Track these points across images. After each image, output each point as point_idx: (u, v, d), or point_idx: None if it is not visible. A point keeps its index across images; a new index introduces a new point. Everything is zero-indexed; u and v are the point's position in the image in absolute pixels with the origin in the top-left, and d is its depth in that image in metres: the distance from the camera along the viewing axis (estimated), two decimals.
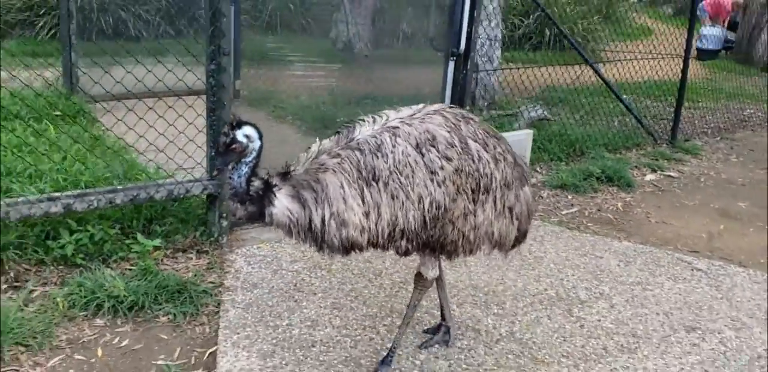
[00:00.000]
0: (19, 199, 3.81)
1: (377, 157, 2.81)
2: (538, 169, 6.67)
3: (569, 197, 6.21)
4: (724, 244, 5.43)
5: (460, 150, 2.94)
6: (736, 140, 9.04)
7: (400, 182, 2.82)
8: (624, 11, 16.43)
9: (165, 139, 4.84)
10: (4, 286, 3.83)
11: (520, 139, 6.13)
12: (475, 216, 3.04)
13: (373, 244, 2.91)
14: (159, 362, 3.42)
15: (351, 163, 2.81)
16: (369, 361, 3.49)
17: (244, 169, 2.77)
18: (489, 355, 3.64)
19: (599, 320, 4.08)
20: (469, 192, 2.98)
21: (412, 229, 2.89)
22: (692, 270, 4.87)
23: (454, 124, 2.99)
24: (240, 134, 2.74)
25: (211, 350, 3.53)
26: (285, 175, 2.85)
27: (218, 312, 3.86)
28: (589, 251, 5.09)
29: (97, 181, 4.60)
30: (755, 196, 6.70)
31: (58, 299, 3.73)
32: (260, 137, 2.80)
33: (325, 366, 3.43)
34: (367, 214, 2.81)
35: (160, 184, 4.22)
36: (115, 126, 4.82)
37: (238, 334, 3.65)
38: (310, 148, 2.95)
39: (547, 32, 13.80)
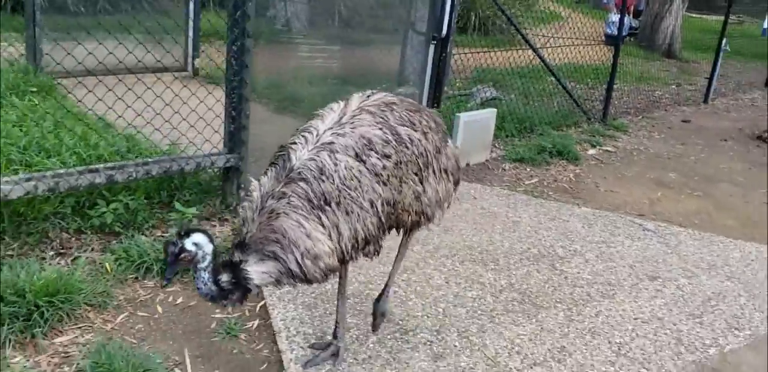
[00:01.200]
0: (62, 171, 4.03)
1: (323, 181, 2.78)
2: (496, 145, 7.31)
3: (528, 169, 6.90)
4: (663, 209, 6.27)
5: (395, 143, 2.98)
6: (654, 119, 10.06)
7: (351, 197, 2.82)
8: None
9: (161, 116, 5.09)
10: (50, 253, 4.07)
11: (487, 118, 6.74)
12: (425, 193, 3.18)
13: (343, 261, 2.93)
14: (217, 316, 3.80)
15: (299, 197, 2.77)
16: (400, 309, 4.01)
17: (205, 276, 2.75)
18: (497, 302, 4.24)
19: (578, 273, 4.76)
20: (413, 176, 3.08)
21: (374, 233, 2.94)
22: (643, 230, 5.66)
23: (381, 117, 3.02)
24: (189, 243, 2.70)
25: (260, 304, 3.93)
26: (242, 246, 2.80)
27: None
28: (556, 216, 5.78)
29: (111, 155, 4.82)
30: (680, 167, 7.64)
31: (107, 264, 4.01)
32: (211, 241, 2.77)
33: (363, 315, 3.92)
34: (330, 237, 2.80)
35: (190, 157, 4.54)
36: (94, 103, 4.93)
37: (280, 289, 4.07)
38: (252, 191, 2.88)
39: (472, 17, 14.48)
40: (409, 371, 3.47)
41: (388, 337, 3.74)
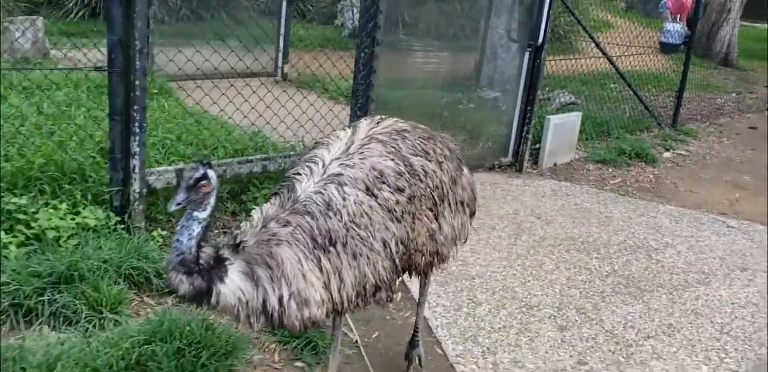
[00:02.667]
0: (226, 161, 4.61)
1: (330, 218, 2.50)
2: (578, 147, 7.74)
3: (610, 170, 7.33)
4: (743, 208, 6.64)
5: (408, 175, 2.72)
6: (721, 125, 10.37)
7: (360, 237, 2.54)
8: (586, 6, 17.72)
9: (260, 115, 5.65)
10: (215, 232, 4.64)
11: (573, 121, 7.19)
12: (440, 230, 2.93)
13: (337, 311, 2.61)
14: None
15: (304, 231, 2.47)
16: (522, 289, 4.49)
17: (196, 229, 2.31)
18: (605, 285, 4.69)
19: (673, 262, 5.18)
20: (428, 212, 2.83)
21: (386, 279, 2.65)
22: (727, 227, 6.04)
23: (393, 147, 2.75)
24: (212, 174, 2.33)
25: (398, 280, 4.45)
26: (236, 248, 2.43)
27: None
28: (644, 212, 6.20)
29: (246, 150, 5.39)
30: (754, 171, 7.98)
31: None
32: (217, 192, 2.39)
33: (490, 292, 4.41)
34: (327, 285, 2.49)
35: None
36: (210, 104, 5.50)
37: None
38: (251, 215, 2.60)
39: None
40: (540, 338, 3.94)
41: (516, 311, 4.22)
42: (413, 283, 4.41)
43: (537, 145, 6.94)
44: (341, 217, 2.51)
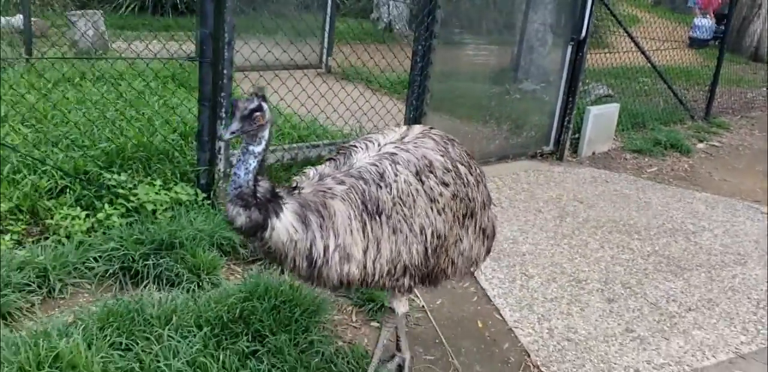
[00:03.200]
0: (296, 146, 5.01)
1: (381, 188, 2.60)
2: (615, 137, 8.05)
3: (646, 159, 7.64)
4: None
5: (455, 175, 2.83)
6: (753, 118, 10.60)
7: (403, 214, 2.63)
8: (616, 1, 17.87)
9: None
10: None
11: (611, 112, 7.50)
12: (462, 242, 2.97)
13: (366, 282, 2.68)
14: None
15: (357, 193, 2.59)
16: (569, 265, 4.84)
17: (252, 163, 2.37)
18: (647, 263, 5.03)
19: (710, 244, 5.50)
20: (461, 217, 2.89)
21: (416, 263, 2.72)
22: (761, 213, 6.34)
23: (443, 147, 2.87)
24: (266, 107, 2.37)
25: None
26: (292, 191, 2.54)
27: None
28: (680, 198, 6.51)
29: (307, 137, 5.78)
30: None
31: None
32: (271, 126, 2.44)
33: (540, 267, 4.77)
34: (365, 251, 2.58)
35: None
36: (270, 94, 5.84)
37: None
38: (305, 172, 2.77)
39: None
40: (590, 309, 4.30)
41: (566, 284, 4.58)
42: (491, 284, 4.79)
43: (576, 135, 7.26)
44: (390, 190, 2.62)
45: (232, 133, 2.34)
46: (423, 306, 4.12)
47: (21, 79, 5.92)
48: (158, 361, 3.05)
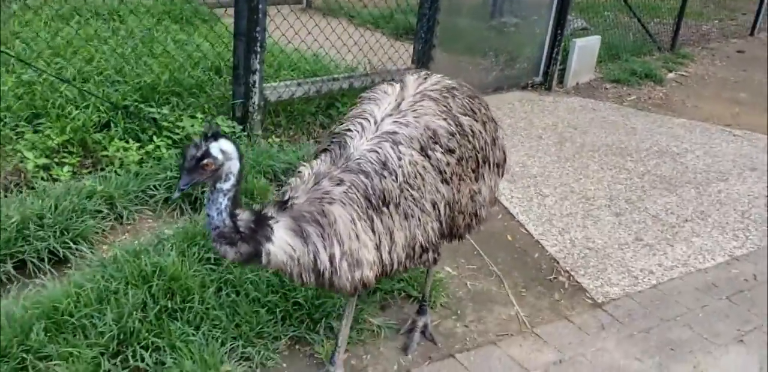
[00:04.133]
0: (318, 79, 5.22)
1: (384, 178, 2.45)
2: (595, 68, 8.45)
3: (624, 88, 8.09)
4: (744, 121, 7.49)
5: (459, 136, 2.69)
6: (712, 49, 11.14)
7: (413, 197, 2.51)
8: None
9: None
10: (311, 141, 5.29)
11: (593, 44, 7.86)
12: (480, 193, 2.90)
13: (386, 273, 2.57)
14: None
15: (358, 191, 2.43)
16: (576, 185, 5.29)
17: (223, 202, 2.23)
18: (643, 182, 5.52)
19: (695, 164, 6.02)
20: (471, 174, 2.79)
21: (433, 240, 2.65)
22: (734, 136, 6.90)
23: (444, 105, 2.72)
24: (215, 148, 2.18)
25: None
26: (283, 205, 2.39)
27: None
28: (661, 124, 7.01)
29: (321, 71, 5.95)
30: (749, 89, 8.82)
31: None
32: (240, 158, 2.26)
33: (552, 187, 5.20)
34: (378, 246, 2.47)
35: (388, 71, 5.71)
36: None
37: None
38: (300, 171, 2.55)
39: None
40: (602, 222, 4.78)
41: (577, 201, 5.03)
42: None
43: (562, 66, 7.62)
44: (396, 177, 2.47)
45: (181, 190, 2.22)
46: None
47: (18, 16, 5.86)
48: (247, 274, 3.37)
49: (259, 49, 4.57)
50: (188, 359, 2.83)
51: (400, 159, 2.49)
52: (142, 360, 2.86)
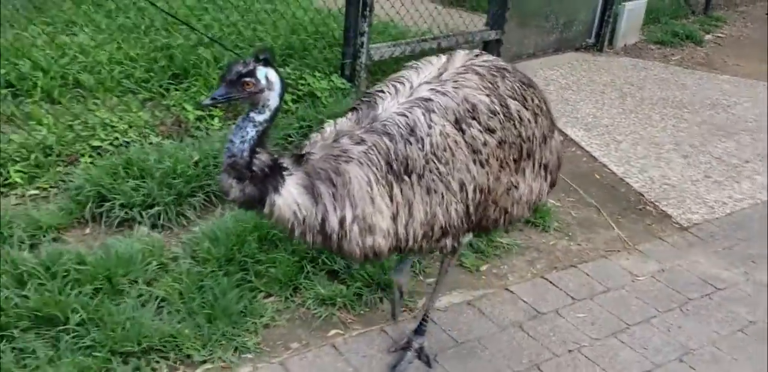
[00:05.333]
0: (411, 40, 5.77)
1: (410, 144, 2.30)
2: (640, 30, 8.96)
3: (668, 49, 8.61)
4: None
5: (503, 117, 2.48)
6: (742, 12, 11.60)
7: (439, 172, 2.33)
8: None
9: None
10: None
11: (640, 7, 8.36)
12: (517, 188, 2.64)
13: (400, 248, 2.43)
14: None
15: (379, 152, 2.29)
16: (644, 132, 5.87)
17: (250, 132, 2.13)
18: (701, 130, 6.09)
19: (744, 114, 6.58)
20: (512, 164, 2.56)
21: (456, 224, 2.45)
22: None
23: (491, 82, 2.51)
24: (261, 71, 2.11)
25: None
26: (299, 159, 2.28)
27: None
28: (708, 80, 7.56)
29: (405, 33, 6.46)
30: None
31: None
32: (281, 95, 2.17)
33: (623, 134, 5.79)
34: (395, 216, 2.32)
35: (469, 32, 6.26)
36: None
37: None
38: (323, 128, 2.45)
39: None
40: (673, 163, 5.37)
41: (648, 146, 5.61)
42: (591, 147, 5.74)
43: (612, 29, 8.13)
44: (423, 145, 2.30)
45: (213, 99, 2.15)
46: None
47: None
48: None
49: (368, 13, 5.12)
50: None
51: (430, 127, 2.32)
52: (335, 263, 3.49)
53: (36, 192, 3.81)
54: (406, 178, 2.30)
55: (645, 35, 8.92)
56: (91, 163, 3.99)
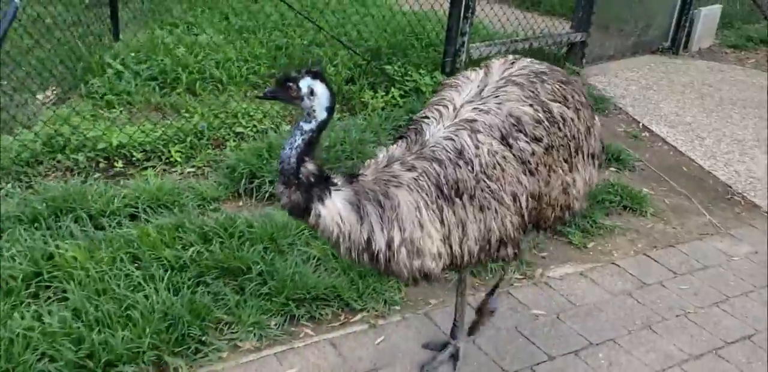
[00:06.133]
0: (506, 41, 6.18)
1: (459, 167, 2.36)
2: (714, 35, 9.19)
3: (743, 53, 8.83)
4: None
5: (547, 123, 2.54)
6: None
7: (490, 189, 2.40)
8: None
9: None
10: None
11: (715, 12, 8.62)
12: (574, 185, 2.71)
13: (457, 265, 2.49)
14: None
15: (429, 179, 2.35)
16: (727, 130, 6.15)
17: (297, 139, 2.22)
18: (743, 130, 6.35)
19: None
20: (563, 164, 2.63)
21: (512, 235, 2.51)
22: None
23: (531, 91, 2.57)
24: (305, 81, 2.19)
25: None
26: (350, 178, 2.35)
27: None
28: None
29: (494, 35, 6.89)
30: None
31: None
32: (330, 109, 2.23)
33: (706, 132, 6.08)
34: (447, 238, 2.38)
35: (558, 33, 6.64)
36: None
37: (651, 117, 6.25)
38: (376, 155, 2.50)
39: None
40: (757, 159, 5.64)
41: (731, 143, 5.90)
42: (677, 143, 6.07)
43: (687, 33, 8.39)
44: (473, 167, 2.37)
45: (265, 93, 2.29)
46: (639, 157, 5.44)
47: None
48: None
49: (470, 15, 5.56)
50: None
51: (477, 148, 2.38)
52: None
53: (192, 170, 4.34)
54: (457, 200, 2.36)
55: (719, 39, 9.15)
56: (235, 146, 4.50)
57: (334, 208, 2.25)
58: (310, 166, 2.23)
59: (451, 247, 2.39)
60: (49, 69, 5.08)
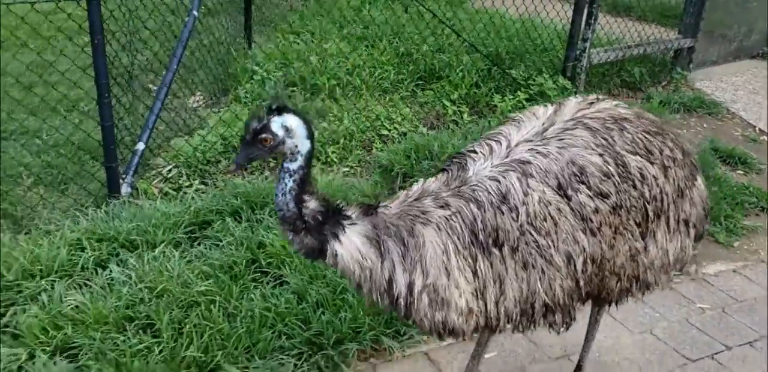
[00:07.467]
0: (622, 46, 6.31)
1: (501, 213, 2.09)
2: None
3: None
4: None
5: (618, 178, 2.21)
6: None
7: (537, 244, 2.11)
8: None
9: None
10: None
11: None
12: (646, 252, 2.36)
13: (492, 327, 2.22)
14: None
15: (463, 220, 2.10)
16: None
17: (288, 183, 2.02)
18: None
19: None
20: (635, 228, 2.28)
21: (563, 301, 2.21)
22: None
23: (604, 137, 2.24)
24: (276, 123, 1.96)
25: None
26: (368, 210, 2.11)
27: None
28: None
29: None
30: None
31: None
32: (310, 137, 2.00)
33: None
34: (480, 292, 2.12)
35: (669, 40, 6.76)
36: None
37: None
38: (410, 187, 2.28)
39: None
40: None
41: None
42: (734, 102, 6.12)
43: None
44: (517, 215, 2.09)
45: (238, 164, 2.04)
46: (762, 161, 5.51)
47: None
48: None
49: (593, 22, 5.72)
50: None
51: (526, 194, 2.10)
52: None
53: (346, 169, 4.59)
54: (495, 251, 2.09)
55: None
56: (381, 148, 4.75)
57: (352, 245, 2.05)
58: (311, 205, 2.03)
59: (485, 304, 2.13)
60: (196, 74, 5.41)
